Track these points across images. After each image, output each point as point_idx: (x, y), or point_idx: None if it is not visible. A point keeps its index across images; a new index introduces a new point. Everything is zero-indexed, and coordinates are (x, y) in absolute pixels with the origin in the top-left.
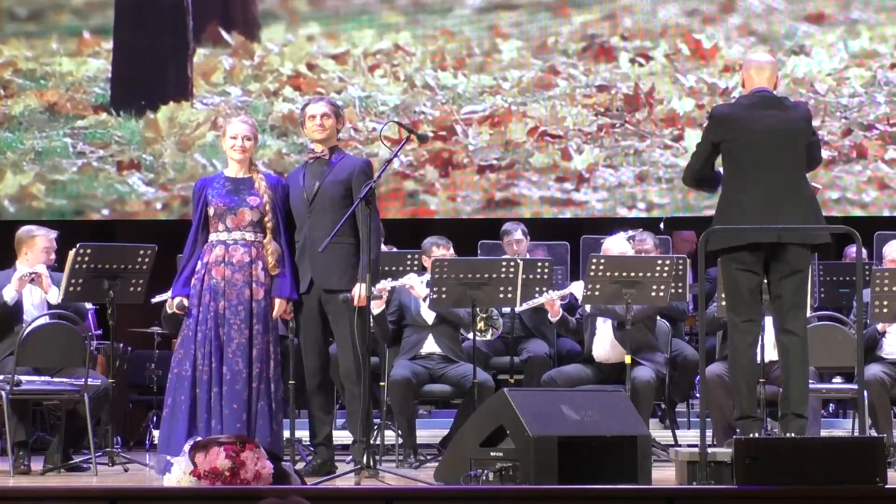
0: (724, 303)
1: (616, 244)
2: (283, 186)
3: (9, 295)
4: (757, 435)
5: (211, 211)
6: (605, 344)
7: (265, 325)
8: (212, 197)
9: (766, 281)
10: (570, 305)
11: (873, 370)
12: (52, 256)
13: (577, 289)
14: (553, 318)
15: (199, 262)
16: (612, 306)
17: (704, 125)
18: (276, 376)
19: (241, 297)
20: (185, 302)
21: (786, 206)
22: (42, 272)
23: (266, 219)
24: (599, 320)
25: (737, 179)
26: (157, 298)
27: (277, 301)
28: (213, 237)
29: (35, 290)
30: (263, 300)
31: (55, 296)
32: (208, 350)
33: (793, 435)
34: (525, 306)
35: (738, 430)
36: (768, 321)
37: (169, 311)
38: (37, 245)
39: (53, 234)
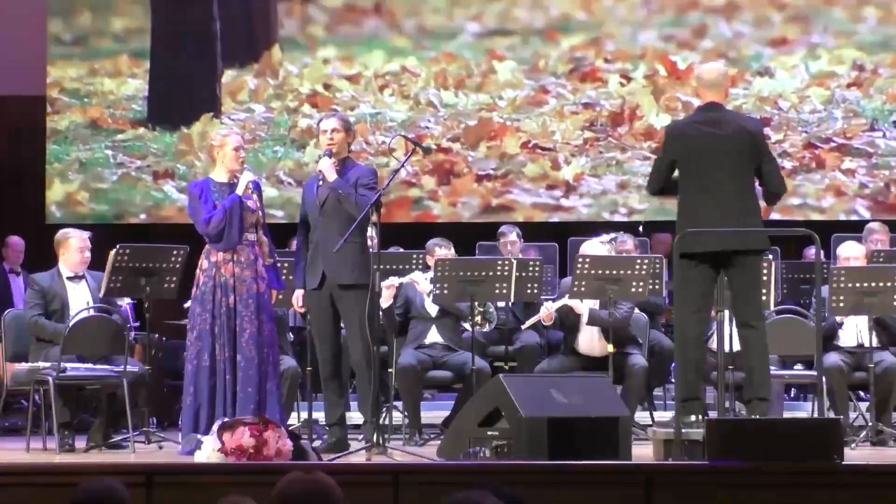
0: None
1: (592, 247)
2: (260, 187)
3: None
4: (700, 416)
5: None
6: (591, 338)
7: (269, 314)
8: (218, 201)
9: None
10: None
11: (832, 358)
12: (87, 255)
13: (571, 301)
14: (547, 323)
15: (207, 261)
16: (602, 317)
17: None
18: (279, 360)
19: (250, 292)
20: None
21: (732, 217)
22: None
23: (258, 217)
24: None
25: (689, 192)
26: (188, 304)
27: (275, 294)
28: None
29: (81, 288)
30: (266, 292)
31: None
32: (223, 342)
33: (758, 416)
34: (528, 323)
35: (708, 412)
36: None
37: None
38: (71, 246)
39: (86, 234)
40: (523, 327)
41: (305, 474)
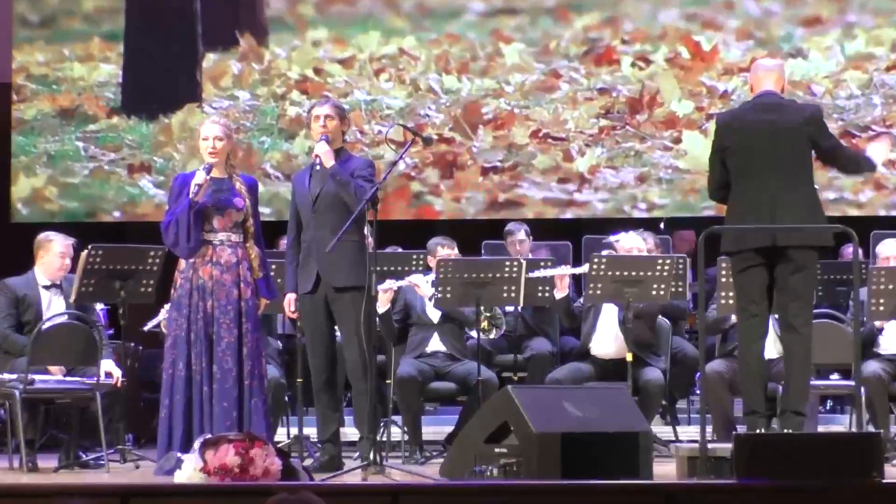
0: (723, 302)
1: (630, 241)
2: (256, 188)
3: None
4: (763, 430)
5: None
6: (607, 339)
7: (254, 323)
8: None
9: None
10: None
11: (872, 367)
12: (67, 263)
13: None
14: (559, 294)
15: (184, 262)
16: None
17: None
18: (265, 373)
19: (229, 297)
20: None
21: (783, 209)
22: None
23: (248, 223)
24: (602, 316)
25: (739, 184)
26: (148, 326)
27: (264, 302)
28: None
29: (56, 297)
30: (251, 299)
31: None
32: (199, 350)
33: (790, 431)
34: (537, 273)
35: (736, 426)
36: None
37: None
38: (52, 250)
39: (70, 240)
40: (534, 274)
41: (292, 495)
